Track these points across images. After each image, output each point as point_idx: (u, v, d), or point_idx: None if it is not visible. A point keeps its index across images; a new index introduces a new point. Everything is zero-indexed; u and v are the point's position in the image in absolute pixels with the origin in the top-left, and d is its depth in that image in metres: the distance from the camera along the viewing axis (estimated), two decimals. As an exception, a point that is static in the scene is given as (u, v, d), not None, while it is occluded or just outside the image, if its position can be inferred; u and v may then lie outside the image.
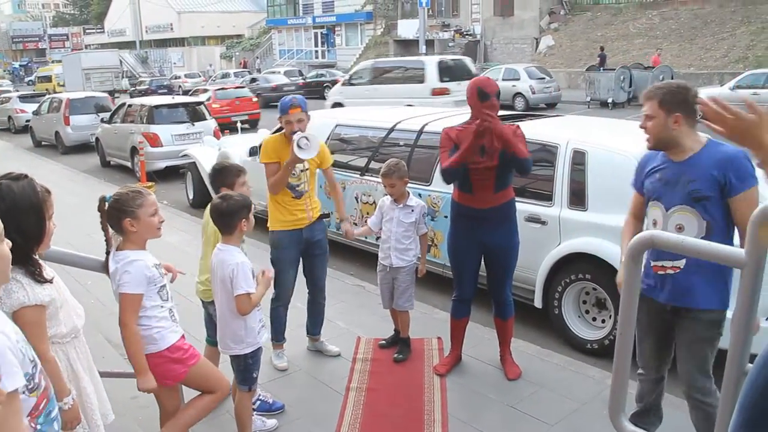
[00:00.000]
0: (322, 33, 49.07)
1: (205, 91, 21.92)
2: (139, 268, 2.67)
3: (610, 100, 21.88)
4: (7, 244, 1.68)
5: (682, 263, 2.88)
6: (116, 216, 2.67)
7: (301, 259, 4.40)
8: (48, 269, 2.27)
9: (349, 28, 46.93)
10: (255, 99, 21.17)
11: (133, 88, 36.12)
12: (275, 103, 9.65)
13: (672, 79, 21.30)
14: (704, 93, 3.78)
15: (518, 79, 23.29)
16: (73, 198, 9.77)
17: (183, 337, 2.91)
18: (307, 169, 4.24)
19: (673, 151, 2.91)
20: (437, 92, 16.70)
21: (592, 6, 35.19)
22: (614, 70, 22.71)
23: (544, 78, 23.71)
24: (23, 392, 1.57)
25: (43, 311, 2.12)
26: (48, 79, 44.35)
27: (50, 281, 2.23)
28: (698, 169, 2.82)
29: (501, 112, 4.53)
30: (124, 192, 2.71)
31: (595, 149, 4.84)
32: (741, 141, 1.91)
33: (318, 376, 4.26)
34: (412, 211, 4.34)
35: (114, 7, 70.23)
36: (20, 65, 69.43)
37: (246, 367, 3.27)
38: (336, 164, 6.99)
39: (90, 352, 2.46)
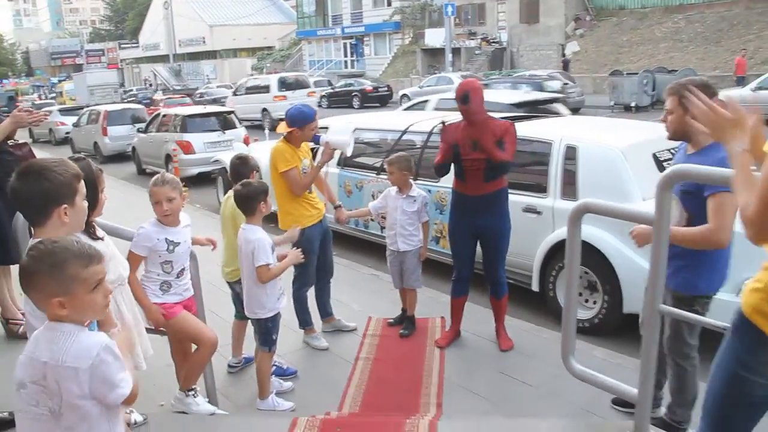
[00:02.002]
0: (351, 43, 49.89)
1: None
2: (143, 235, 3.33)
3: (633, 104, 22.09)
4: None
5: None
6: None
7: None
8: (100, 230, 2.83)
9: (378, 38, 47.66)
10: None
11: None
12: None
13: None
14: (724, 94, 4.03)
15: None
16: (112, 203, 10.40)
17: (176, 305, 3.47)
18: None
19: (690, 143, 3.19)
20: (276, 98, 24.23)
21: (618, 11, 35.38)
22: (638, 74, 22.93)
23: (567, 83, 24.02)
24: None
25: None
26: (60, 94, 51.40)
27: (101, 239, 2.79)
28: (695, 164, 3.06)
29: (510, 114, 5.00)
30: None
31: (586, 144, 5.29)
32: (715, 136, 2.15)
33: (331, 349, 4.76)
34: (415, 200, 4.83)
35: (148, 22, 72.16)
36: (58, 80, 71.74)
37: (267, 329, 3.80)
38: (354, 164, 7.60)
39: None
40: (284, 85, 25.46)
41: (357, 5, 48.77)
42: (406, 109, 13.47)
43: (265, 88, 25.33)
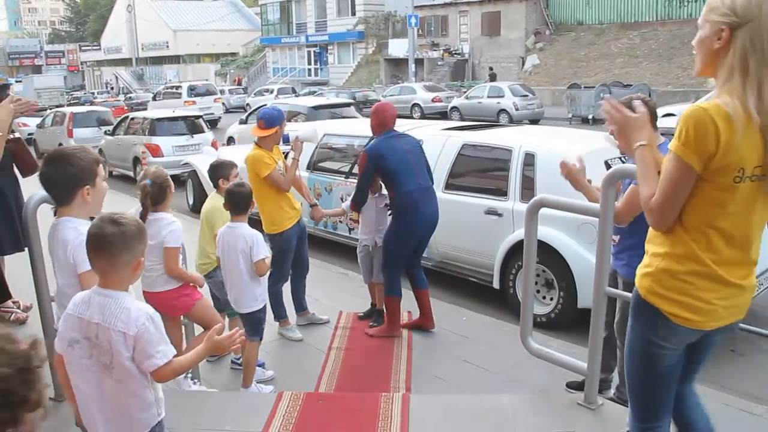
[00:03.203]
0: (315, 51, 50.12)
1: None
2: (179, 227, 3.59)
3: (590, 116, 22.86)
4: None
5: (616, 238, 3.51)
6: (165, 190, 3.61)
7: None
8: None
9: (342, 47, 48.00)
10: (126, 108, 29.17)
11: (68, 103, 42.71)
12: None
13: (649, 96, 22.39)
14: (677, 108, 4.39)
15: (503, 97, 24.37)
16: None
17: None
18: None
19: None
20: (187, 103, 27.40)
21: (576, 26, 36.40)
22: (594, 87, 23.71)
23: (527, 95, 24.74)
24: None
25: None
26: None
27: None
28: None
29: (468, 123, 5.37)
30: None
31: (543, 151, 5.69)
32: (618, 134, 2.41)
33: (305, 340, 5.05)
34: (384, 198, 5.17)
35: (111, 24, 71.40)
36: (16, 81, 70.49)
37: (259, 320, 4.08)
38: (323, 169, 7.90)
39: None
40: (193, 91, 29.66)
41: (321, 14, 49.10)
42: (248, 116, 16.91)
43: (178, 94, 29.70)
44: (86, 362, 2.12)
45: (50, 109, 23.67)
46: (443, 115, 26.55)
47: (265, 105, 8.43)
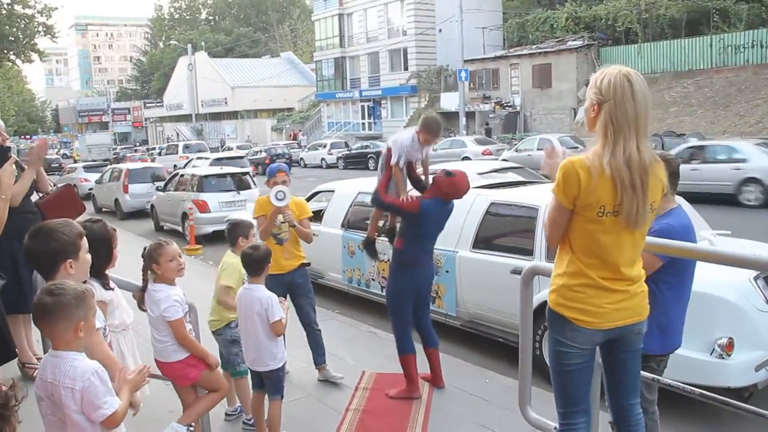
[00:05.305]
0: (368, 106, 51.00)
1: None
2: (177, 299, 3.64)
3: (642, 168, 22.41)
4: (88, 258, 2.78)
5: None
6: (147, 262, 3.70)
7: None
8: (112, 282, 3.25)
9: (395, 101, 48.69)
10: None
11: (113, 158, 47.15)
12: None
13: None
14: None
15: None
16: (128, 257, 10.84)
17: None
18: (285, 222, 5.17)
19: None
20: (181, 158, 33.38)
21: (629, 76, 36.04)
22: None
23: (577, 147, 24.48)
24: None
25: (104, 306, 3.06)
26: (72, 150, 61.03)
27: (112, 289, 3.25)
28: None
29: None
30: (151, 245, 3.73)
31: (568, 210, 5.63)
32: (549, 173, 2.91)
33: (323, 401, 5.05)
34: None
35: (173, 82, 74.44)
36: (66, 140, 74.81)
37: (278, 378, 4.12)
38: (357, 226, 7.98)
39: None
40: (187, 149, 38.42)
41: (375, 69, 50.10)
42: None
43: (175, 150, 39.02)
44: (50, 418, 2.35)
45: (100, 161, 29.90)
46: (493, 168, 26.45)
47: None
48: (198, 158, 27.52)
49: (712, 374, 4.60)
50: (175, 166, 28.36)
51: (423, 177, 5.30)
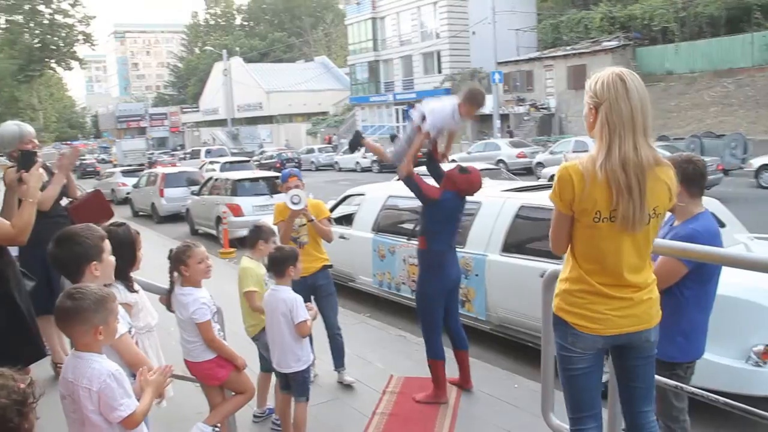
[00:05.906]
0: (403, 109, 50.99)
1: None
2: (205, 301, 3.68)
3: (679, 169, 21.95)
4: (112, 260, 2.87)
5: None
6: (174, 264, 3.73)
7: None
8: (136, 284, 3.32)
9: (428, 104, 48.56)
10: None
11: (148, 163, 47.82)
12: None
13: (745, 146, 21.32)
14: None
15: (586, 151, 23.82)
16: (163, 260, 11.01)
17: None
18: (304, 225, 5.21)
19: (676, 215, 3.48)
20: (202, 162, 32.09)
21: (665, 76, 35.46)
22: (684, 138, 22.90)
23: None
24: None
25: (129, 308, 3.11)
26: (110, 155, 62.74)
27: (137, 291, 3.31)
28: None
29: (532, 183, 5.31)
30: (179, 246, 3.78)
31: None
32: None
33: (351, 404, 5.06)
34: None
35: (208, 88, 75.46)
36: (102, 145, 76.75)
37: (304, 380, 4.14)
38: (387, 230, 7.98)
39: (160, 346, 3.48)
40: (209, 152, 40.63)
41: (408, 72, 50.12)
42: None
43: (198, 154, 41.59)
44: (72, 416, 2.42)
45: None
46: (528, 171, 26.34)
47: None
48: (210, 162, 28.74)
49: (747, 382, 4.49)
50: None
51: (445, 152, 5.22)
